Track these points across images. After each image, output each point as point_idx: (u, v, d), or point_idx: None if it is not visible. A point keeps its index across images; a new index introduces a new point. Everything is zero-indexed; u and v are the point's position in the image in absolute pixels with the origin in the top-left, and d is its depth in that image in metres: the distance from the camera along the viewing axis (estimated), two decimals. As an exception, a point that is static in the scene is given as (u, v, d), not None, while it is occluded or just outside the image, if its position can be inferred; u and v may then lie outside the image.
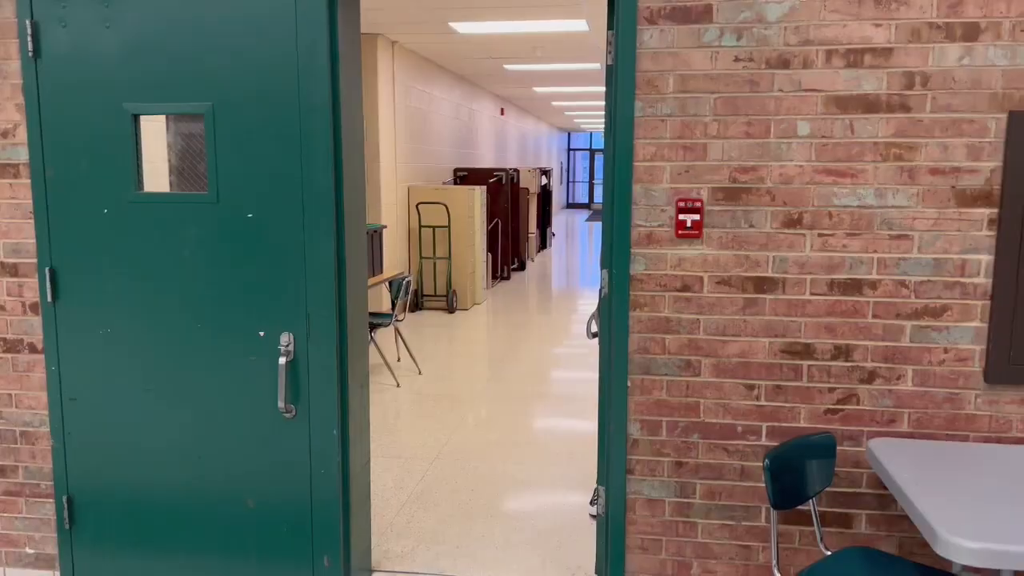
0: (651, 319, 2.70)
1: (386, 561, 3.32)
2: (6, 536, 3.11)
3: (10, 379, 3.01)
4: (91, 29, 2.76)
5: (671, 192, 2.62)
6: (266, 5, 2.69)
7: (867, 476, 2.67)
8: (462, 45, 8.61)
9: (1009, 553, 1.84)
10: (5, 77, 2.85)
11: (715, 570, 2.78)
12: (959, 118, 2.48)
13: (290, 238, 2.79)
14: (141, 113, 2.81)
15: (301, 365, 2.84)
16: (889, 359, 2.60)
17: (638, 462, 2.77)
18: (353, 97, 2.91)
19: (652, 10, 2.55)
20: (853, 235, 2.57)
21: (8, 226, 2.93)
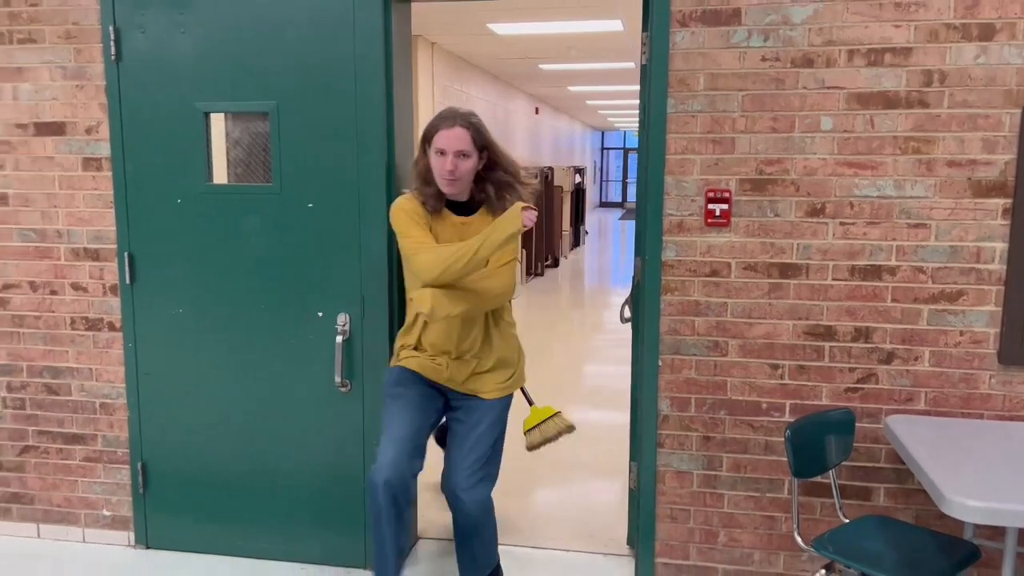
0: (681, 303, 2.88)
1: (430, 530, 3.55)
2: (85, 499, 3.39)
3: (91, 355, 3.29)
4: (167, 34, 3.02)
5: (701, 183, 2.81)
6: (326, 12, 2.92)
7: (885, 451, 2.83)
8: (498, 46, 8.83)
9: (1010, 511, 2.00)
10: (90, 79, 3.12)
11: (740, 539, 2.96)
12: (975, 113, 2.63)
13: (347, 226, 3.03)
14: (211, 111, 3.07)
15: (356, 343, 3.07)
16: (907, 341, 2.76)
17: (668, 437, 2.96)
18: (404, 96, 3.14)
19: (684, 13, 2.74)
20: (873, 224, 2.73)
21: (91, 215, 3.20)
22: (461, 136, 2.52)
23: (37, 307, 3.30)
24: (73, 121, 3.16)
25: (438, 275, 2.46)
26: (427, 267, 2.46)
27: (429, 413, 2.71)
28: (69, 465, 3.39)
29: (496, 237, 2.43)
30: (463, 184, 2.59)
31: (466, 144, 2.52)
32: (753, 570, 2.96)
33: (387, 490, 2.51)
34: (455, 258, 2.44)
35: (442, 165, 2.52)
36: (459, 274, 2.46)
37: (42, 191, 3.22)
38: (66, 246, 3.24)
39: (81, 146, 3.18)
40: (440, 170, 2.53)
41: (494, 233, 2.44)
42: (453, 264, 2.45)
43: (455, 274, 2.46)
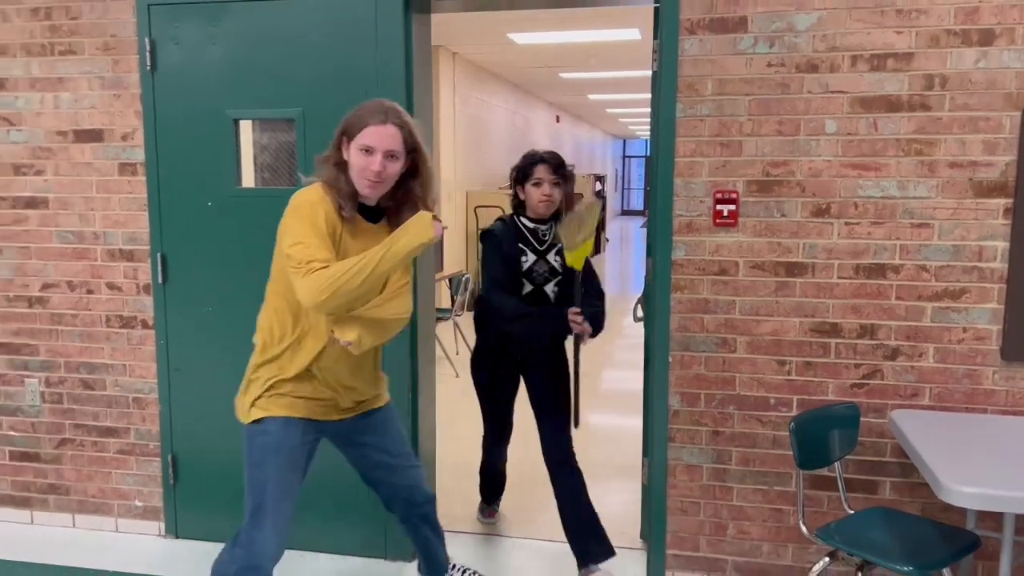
0: (691, 300, 2.98)
1: (448, 521, 3.65)
2: (118, 490, 3.54)
3: (125, 351, 3.44)
4: (199, 45, 3.18)
5: (709, 185, 2.91)
6: (349, 23, 3.06)
7: (891, 446, 2.90)
8: (519, 55, 8.98)
9: (1005, 497, 2.08)
10: (126, 88, 3.28)
11: (749, 531, 3.04)
12: (976, 116, 2.71)
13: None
14: (241, 118, 3.22)
15: (377, 340, 3.19)
16: (911, 338, 2.84)
17: (678, 431, 3.05)
18: (425, 104, 3.27)
19: (692, 21, 2.84)
20: (877, 224, 2.81)
21: (126, 217, 3.36)
22: (393, 135, 2.23)
23: (75, 305, 3.46)
24: (110, 128, 3.33)
25: (326, 298, 2.08)
26: (312, 287, 2.07)
27: (302, 475, 2.44)
28: (103, 457, 3.54)
29: (401, 248, 2.14)
30: (385, 189, 2.28)
31: (397, 144, 2.24)
32: (762, 562, 3.04)
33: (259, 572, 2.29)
34: (349, 275, 2.08)
35: (367, 164, 2.20)
36: (352, 295, 2.11)
37: (80, 195, 3.39)
38: (102, 247, 3.40)
39: (117, 152, 3.34)
40: (363, 169, 2.21)
41: (398, 243, 2.15)
42: (346, 283, 2.08)
43: (347, 295, 2.10)
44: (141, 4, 3.19)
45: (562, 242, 2.92)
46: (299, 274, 2.10)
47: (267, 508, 2.30)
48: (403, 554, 3.29)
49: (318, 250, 2.13)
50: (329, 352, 2.29)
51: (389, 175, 2.25)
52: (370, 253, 2.13)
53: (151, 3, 3.18)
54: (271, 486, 2.31)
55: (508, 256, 2.98)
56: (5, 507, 3.66)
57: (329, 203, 2.22)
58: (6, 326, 3.52)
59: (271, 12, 3.11)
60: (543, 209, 2.98)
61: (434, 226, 2.19)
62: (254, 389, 2.35)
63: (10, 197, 3.44)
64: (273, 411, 2.33)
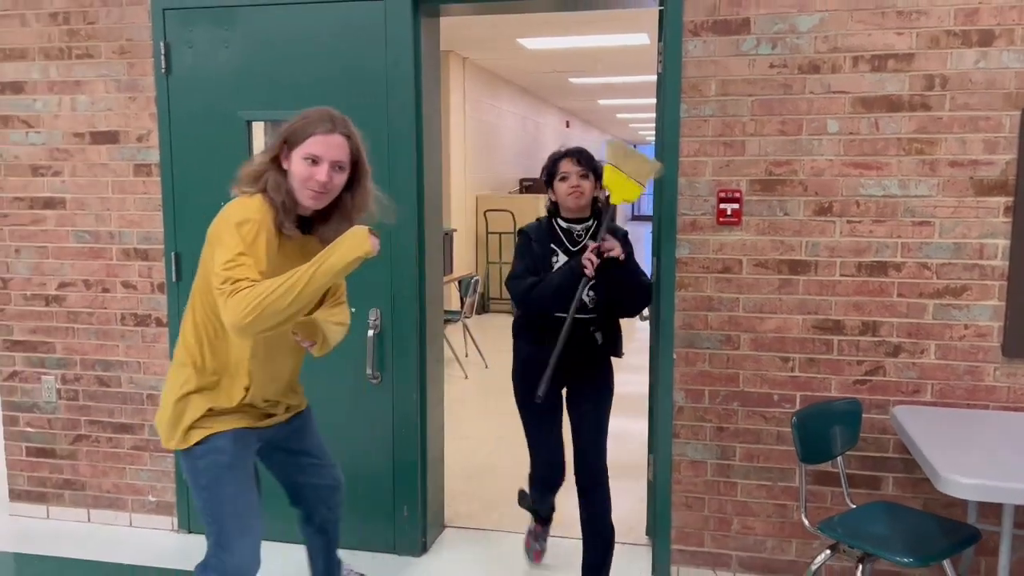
0: (695, 298, 3.02)
1: (456, 519, 3.71)
2: (132, 485, 3.60)
3: (139, 349, 3.51)
4: (213, 49, 3.25)
5: (713, 184, 2.95)
6: (359, 26, 3.13)
7: (893, 442, 2.93)
8: (528, 60, 9.04)
9: (1002, 488, 2.11)
10: (141, 91, 3.36)
11: (753, 526, 3.07)
12: (976, 115, 2.74)
13: (378, 226, 3.20)
14: (253, 120, 3.29)
15: (387, 338, 3.25)
16: (913, 335, 2.87)
17: (683, 427, 3.08)
18: (433, 105, 3.32)
19: (696, 23, 2.89)
20: (879, 222, 2.85)
21: (141, 217, 3.43)
22: (340, 144, 2.12)
23: (90, 304, 3.53)
24: (126, 130, 3.40)
25: (251, 320, 1.91)
26: (236, 308, 1.91)
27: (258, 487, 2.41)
28: (118, 453, 3.60)
29: (334, 263, 2.00)
30: (328, 200, 2.16)
31: (344, 155, 2.13)
32: (766, 556, 3.07)
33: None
34: (276, 295, 1.93)
35: (312, 174, 2.08)
36: (280, 316, 1.95)
37: (96, 195, 3.46)
38: (118, 247, 3.47)
39: (133, 153, 3.41)
40: (307, 180, 2.08)
41: (330, 259, 2.01)
42: (272, 304, 1.92)
43: (273, 317, 1.94)
44: (156, 8, 3.26)
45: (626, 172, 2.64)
46: (223, 294, 1.94)
47: (232, 531, 2.21)
48: (412, 548, 3.34)
49: (250, 269, 1.97)
50: (262, 373, 2.22)
51: (335, 186, 2.14)
52: (299, 271, 1.97)
53: (166, 7, 3.25)
54: (233, 507, 2.21)
55: (538, 255, 2.83)
56: (22, 502, 3.73)
57: (267, 216, 2.07)
58: (24, 324, 3.60)
59: (282, 16, 3.18)
60: (573, 203, 2.80)
61: (370, 240, 2.04)
62: (188, 415, 2.20)
63: (28, 197, 3.52)
64: (217, 428, 2.21)
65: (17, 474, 3.72)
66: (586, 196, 2.80)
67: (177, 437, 2.22)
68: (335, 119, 2.15)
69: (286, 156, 2.12)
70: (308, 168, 2.08)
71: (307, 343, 2.23)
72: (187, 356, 2.21)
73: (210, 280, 2.04)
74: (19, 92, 3.47)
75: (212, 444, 2.20)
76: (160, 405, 2.28)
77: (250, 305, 1.91)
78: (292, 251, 2.13)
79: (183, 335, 2.23)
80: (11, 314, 3.61)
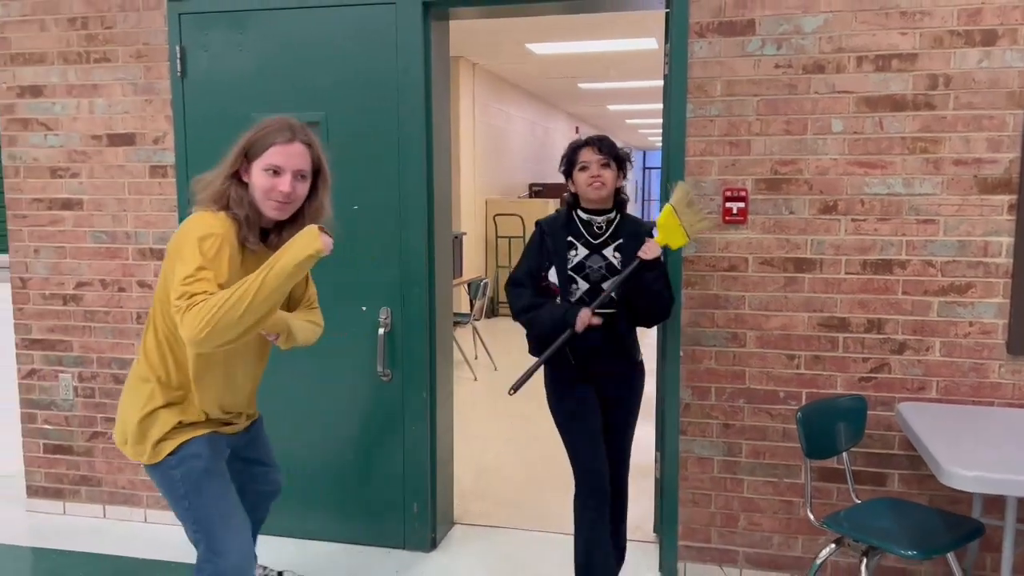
0: (701, 296, 3.05)
1: (466, 516, 3.75)
2: (147, 482, 3.65)
3: (154, 347, 3.57)
4: (227, 52, 3.32)
5: (719, 183, 2.99)
6: (371, 30, 3.18)
7: (899, 439, 2.95)
8: (537, 66, 9.10)
9: (1005, 481, 2.13)
10: (157, 93, 3.43)
11: (760, 523, 3.10)
12: (980, 114, 2.77)
13: (389, 227, 3.27)
14: (267, 122, 3.34)
15: (397, 336, 3.30)
16: (918, 332, 2.89)
17: (690, 424, 3.12)
18: (442, 109, 3.38)
19: (701, 25, 2.94)
20: (884, 220, 2.88)
21: (156, 218, 3.50)
22: (302, 153, 2.10)
23: (107, 303, 3.60)
24: (142, 132, 3.47)
25: (206, 334, 1.88)
26: (191, 323, 1.88)
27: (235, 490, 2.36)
28: (133, 450, 3.66)
29: (285, 264, 1.96)
30: (292, 210, 2.14)
31: (305, 163, 2.11)
32: (773, 553, 3.09)
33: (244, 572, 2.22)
34: (228, 305, 1.89)
35: (274, 185, 2.06)
36: (238, 327, 1.91)
37: (113, 196, 3.53)
38: (133, 247, 3.54)
39: (149, 155, 3.48)
40: (270, 191, 2.06)
41: (281, 260, 1.97)
42: (226, 315, 1.88)
43: (229, 328, 1.90)
44: (172, 13, 3.33)
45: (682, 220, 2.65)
46: (180, 311, 1.91)
47: (222, 533, 2.18)
48: (421, 544, 3.38)
49: (209, 284, 1.93)
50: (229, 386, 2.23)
51: (298, 196, 2.12)
52: (250, 277, 1.94)
53: (182, 12, 3.32)
54: (218, 509, 2.19)
55: (553, 251, 2.71)
56: (39, 498, 3.80)
57: (232, 232, 2.05)
58: (42, 323, 3.67)
59: (295, 20, 3.24)
60: (594, 193, 2.67)
61: (321, 237, 2.01)
62: (156, 430, 2.16)
63: (47, 199, 3.60)
64: (187, 436, 2.19)
65: (35, 471, 3.78)
66: (608, 187, 2.69)
67: (147, 452, 2.17)
68: (294, 128, 2.13)
69: (246, 169, 2.09)
70: (270, 179, 2.06)
71: (272, 336, 2.21)
72: (150, 372, 2.18)
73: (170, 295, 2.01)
74: (38, 95, 3.54)
75: (186, 452, 2.17)
76: (118, 420, 2.24)
77: (205, 318, 1.87)
78: (255, 265, 2.07)
79: (145, 351, 2.20)
80: (30, 313, 3.68)
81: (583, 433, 2.71)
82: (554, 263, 2.71)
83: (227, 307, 1.88)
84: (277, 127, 2.10)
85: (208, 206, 2.08)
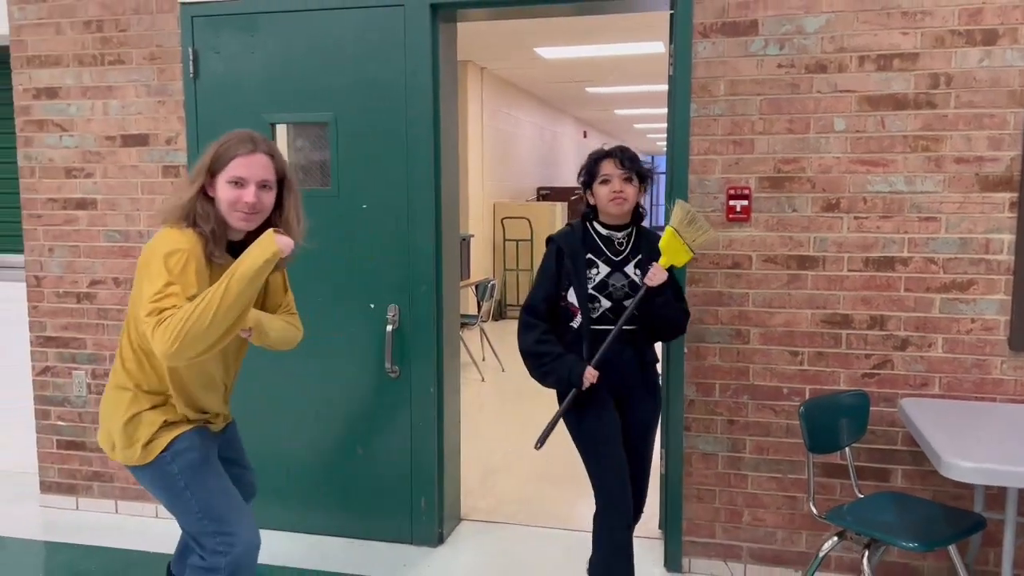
0: (705, 293, 3.09)
1: (473, 512, 3.78)
2: (159, 477, 3.71)
3: (166, 344, 3.62)
4: (239, 55, 3.38)
5: (723, 181, 3.02)
6: (380, 33, 3.24)
7: (902, 434, 2.97)
8: (545, 70, 9.15)
9: (1004, 472, 2.15)
10: (171, 95, 3.49)
11: (764, 518, 3.12)
12: (981, 113, 2.80)
13: (397, 225, 3.31)
14: (277, 122, 3.40)
15: (405, 333, 3.34)
16: (920, 328, 2.92)
17: (694, 420, 3.15)
18: (450, 109, 3.42)
19: (705, 25, 2.98)
20: (886, 218, 2.91)
21: (169, 216, 3.55)
22: (264, 164, 2.13)
23: (120, 301, 3.66)
24: (155, 133, 3.54)
25: (176, 347, 1.92)
26: (161, 339, 1.92)
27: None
28: (145, 446, 3.71)
29: (245, 270, 1.99)
30: (260, 220, 2.17)
31: (269, 173, 2.14)
32: (776, 548, 3.12)
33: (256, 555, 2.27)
34: (195, 316, 1.93)
35: (239, 197, 2.10)
36: (208, 337, 1.95)
37: (127, 196, 3.60)
38: (146, 246, 3.59)
39: (161, 155, 3.54)
40: (235, 203, 2.10)
41: (241, 266, 2.00)
42: (193, 326, 1.92)
43: (198, 338, 1.93)
44: (185, 16, 3.40)
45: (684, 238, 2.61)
46: (150, 327, 1.95)
47: (230, 515, 2.22)
48: (429, 539, 3.42)
49: (177, 299, 1.97)
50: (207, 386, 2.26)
51: (265, 206, 2.15)
52: (212, 288, 1.97)
53: (195, 15, 3.38)
54: (221, 493, 2.24)
55: (573, 271, 2.61)
56: (52, 494, 3.85)
57: (200, 250, 2.08)
58: (56, 321, 3.73)
59: (305, 22, 3.30)
60: (615, 208, 2.59)
61: (277, 239, 2.04)
62: (144, 431, 2.20)
63: (61, 198, 3.66)
64: (177, 432, 2.23)
65: (48, 466, 3.84)
66: (630, 202, 2.60)
67: (138, 454, 2.20)
68: (255, 139, 2.15)
69: (211, 184, 2.12)
70: (234, 191, 2.10)
71: (245, 332, 2.22)
72: (128, 379, 2.23)
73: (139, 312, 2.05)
74: (54, 97, 3.61)
75: (179, 446, 2.21)
76: (102, 427, 2.27)
77: (174, 332, 1.91)
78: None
79: (121, 360, 2.24)
80: (44, 311, 3.74)
81: (608, 458, 2.60)
82: (573, 284, 2.62)
83: (194, 318, 1.92)
84: (238, 139, 2.14)
85: (175, 223, 2.12)
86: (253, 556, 2.25)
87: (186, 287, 2.00)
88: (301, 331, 2.46)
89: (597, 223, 2.69)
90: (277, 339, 2.33)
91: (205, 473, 2.23)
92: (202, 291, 2.01)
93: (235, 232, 2.18)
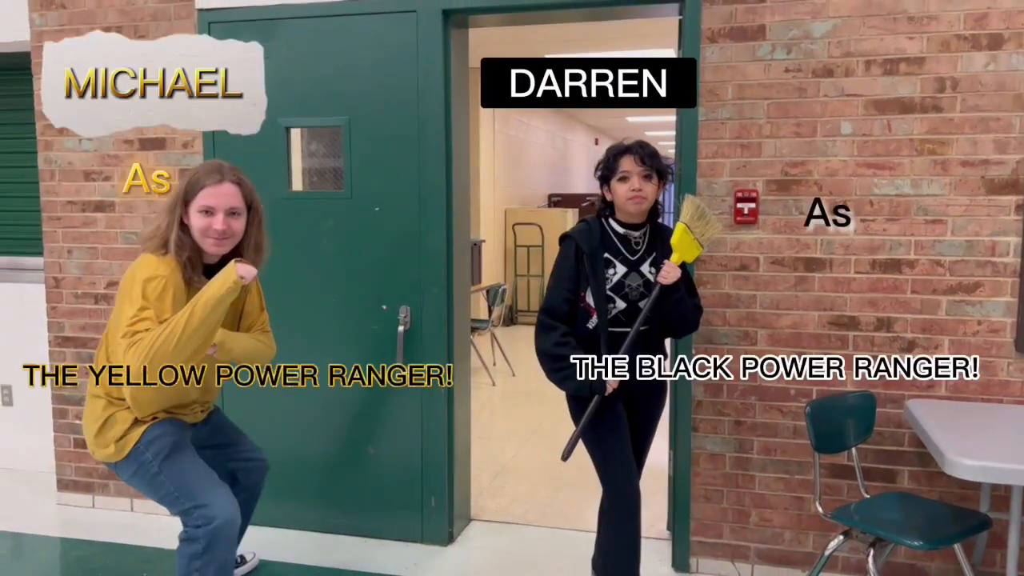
0: (713, 295, 3.12)
1: (483, 513, 3.82)
2: (173, 475, 3.76)
3: (182, 344, 3.68)
4: (255, 60, 3.43)
5: (730, 184, 3.06)
6: (393, 39, 3.30)
7: (908, 436, 2.99)
8: (557, 76, 9.20)
9: (1006, 470, 2.17)
10: (187, 99, 3.55)
11: (771, 518, 3.14)
12: (986, 116, 2.83)
13: (409, 228, 3.36)
14: (292, 126, 3.47)
15: (416, 333, 3.38)
16: (927, 330, 2.94)
17: (702, 421, 3.17)
18: (461, 114, 3.48)
19: (713, 30, 3.02)
20: (892, 220, 2.93)
21: (185, 219, 3.62)
22: (232, 192, 2.32)
23: (137, 302, 3.72)
24: (172, 137, 3.60)
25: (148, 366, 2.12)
26: (132, 359, 2.13)
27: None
28: (160, 445, 3.77)
29: (209, 297, 2.16)
30: (232, 245, 2.36)
31: (237, 201, 2.33)
32: (784, 548, 3.14)
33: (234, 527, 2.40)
34: (162, 339, 2.11)
35: (208, 224, 2.28)
36: (174, 357, 2.13)
37: (143, 199, 3.66)
38: (163, 247, 3.66)
39: (178, 158, 3.61)
40: (206, 230, 2.29)
41: (205, 294, 2.18)
42: (160, 347, 2.11)
43: (166, 359, 2.12)
44: (202, 22, 3.47)
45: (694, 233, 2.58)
46: (123, 347, 2.15)
47: (203, 488, 2.37)
48: (439, 538, 3.46)
49: (152, 323, 2.16)
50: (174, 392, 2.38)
51: (235, 231, 2.33)
52: (179, 314, 2.15)
53: (211, 21, 3.45)
54: (193, 472, 2.40)
55: (591, 271, 2.56)
56: (69, 492, 3.92)
57: (177, 274, 2.27)
58: (74, 321, 3.80)
59: (320, 28, 3.36)
60: (633, 207, 2.54)
61: (238, 268, 2.20)
62: (117, 429, 2.39)
63: (80, 201, 3.73)
64: (147, 425, 2.41)
65: (65, 465, 3.91)
66: (649, 201, 2.55)
67: (113, 449, 2.40)
68: (223, 169, 2.35)
69: (185, 213, 2.31)
70: (205, 219, 2.29)
71: (210, 349, 2.32)
72: (100, 389, 2.43)
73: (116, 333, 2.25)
74: (74, 102, 3.68)
75: (150, 435, 2.40)
76: (84, 430, 2.49)
77: (143, 353, 2.11)
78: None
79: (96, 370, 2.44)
80: (62, 312, 3.81)
81: (615, 451, 2.60)
82: (590, 284, 2.58)
83: (161, 340, 2.11)
84: (206, 171, 2.34)
85: (155, 250, 2.31)
86: (232, 528, 2.38)
87: (160, 312, 2.19)
88: (273, 348, 2.65)
89: (614, 220, 2.64)
90: (242, 355, 2.49)
91: (177, 455, 2.40)
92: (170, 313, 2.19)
93: (210, 256, 2.37)
